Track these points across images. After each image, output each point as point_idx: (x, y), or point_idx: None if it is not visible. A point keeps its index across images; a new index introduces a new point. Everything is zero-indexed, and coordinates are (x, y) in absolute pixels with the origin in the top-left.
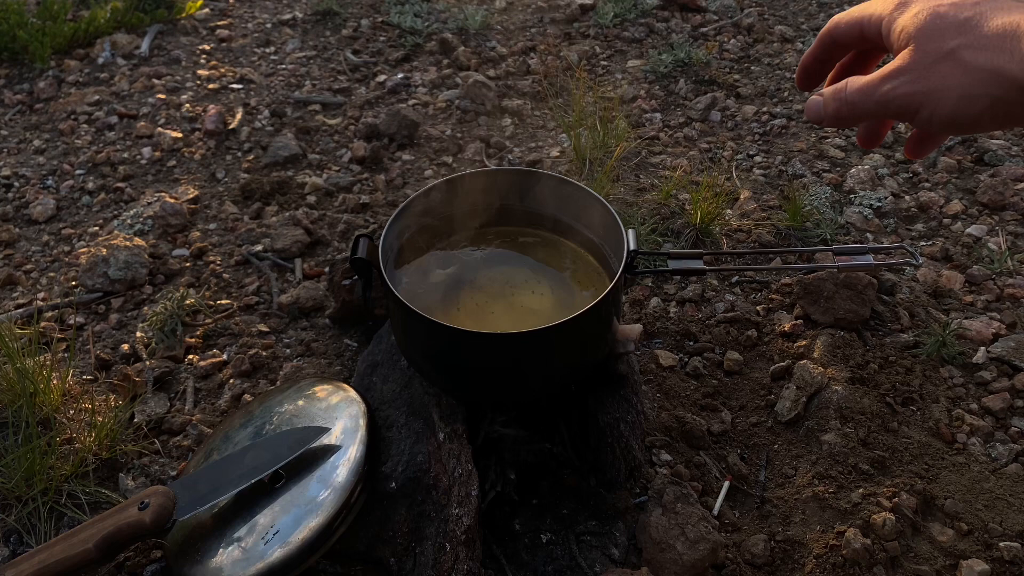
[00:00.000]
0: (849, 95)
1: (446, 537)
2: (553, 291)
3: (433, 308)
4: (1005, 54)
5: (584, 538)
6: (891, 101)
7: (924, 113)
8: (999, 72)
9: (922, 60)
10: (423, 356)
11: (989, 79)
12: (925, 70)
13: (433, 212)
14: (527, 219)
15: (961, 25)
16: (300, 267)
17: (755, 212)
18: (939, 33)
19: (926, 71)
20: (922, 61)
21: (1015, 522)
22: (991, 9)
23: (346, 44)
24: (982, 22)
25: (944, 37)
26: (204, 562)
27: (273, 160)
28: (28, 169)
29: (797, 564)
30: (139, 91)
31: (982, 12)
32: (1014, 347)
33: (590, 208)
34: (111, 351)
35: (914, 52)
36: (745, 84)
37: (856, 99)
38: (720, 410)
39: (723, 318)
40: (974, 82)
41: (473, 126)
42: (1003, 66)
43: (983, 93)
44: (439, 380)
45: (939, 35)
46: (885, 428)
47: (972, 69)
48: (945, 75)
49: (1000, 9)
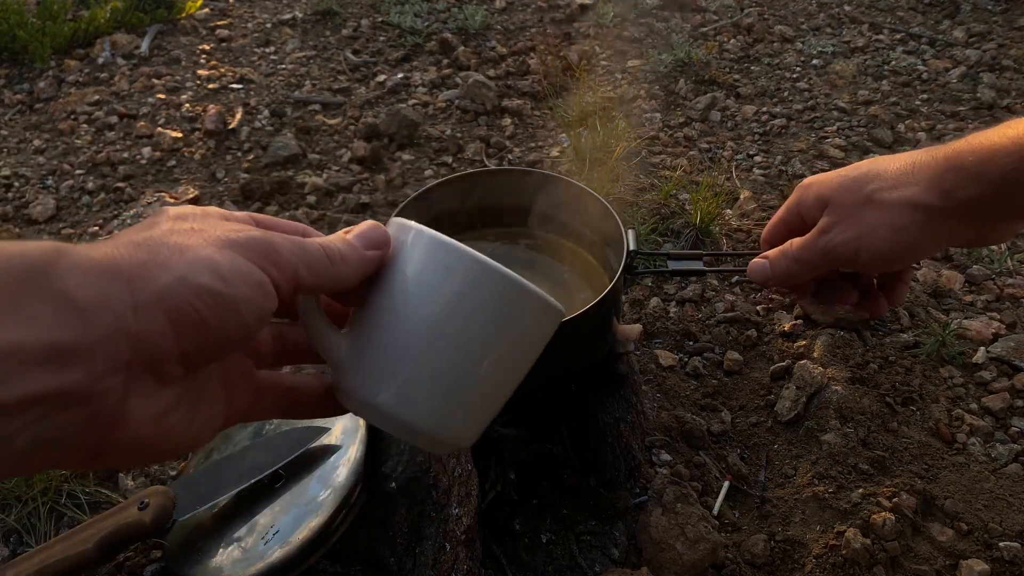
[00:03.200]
0: (794, 252)
1: (446, 537)
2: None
3: None
4: (912, 187)
5: (584, 538)
6: (832, 250)
7: (864, 255)
8: (913, 201)
9: (846, 210)
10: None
11: (908, 210)
12: (852, 218)
13: (431, 212)
14: (527, 219)
15: (868, 176)
16: None
17: (755, 212)
18: (853, 185)
19: (853, 218)
20: (846, 211)
21: (1015, 522)
22: (886, 160)
23: (346, 44)
24: (884, 170)
25: (858, 188)
26: (204, 562)
27: (273, 160)
28: (28, 169)
29: (797, 564)
30: (139, 91)
31: (882, 165)
32: (1014, 347)
33: (590, 208)
34: None
35: (836, 207)
36: (745, 84)
37: (801, 255)
38: (720, 410)
39: (723, 318)
40: (896, 216)
41: (473, 126)
42: (914, 196)
43: (908, 223)
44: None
45: (854, 188)
46: (885, 428)
47: (890, 205)
48: (870, 217)
49: (895, 158)
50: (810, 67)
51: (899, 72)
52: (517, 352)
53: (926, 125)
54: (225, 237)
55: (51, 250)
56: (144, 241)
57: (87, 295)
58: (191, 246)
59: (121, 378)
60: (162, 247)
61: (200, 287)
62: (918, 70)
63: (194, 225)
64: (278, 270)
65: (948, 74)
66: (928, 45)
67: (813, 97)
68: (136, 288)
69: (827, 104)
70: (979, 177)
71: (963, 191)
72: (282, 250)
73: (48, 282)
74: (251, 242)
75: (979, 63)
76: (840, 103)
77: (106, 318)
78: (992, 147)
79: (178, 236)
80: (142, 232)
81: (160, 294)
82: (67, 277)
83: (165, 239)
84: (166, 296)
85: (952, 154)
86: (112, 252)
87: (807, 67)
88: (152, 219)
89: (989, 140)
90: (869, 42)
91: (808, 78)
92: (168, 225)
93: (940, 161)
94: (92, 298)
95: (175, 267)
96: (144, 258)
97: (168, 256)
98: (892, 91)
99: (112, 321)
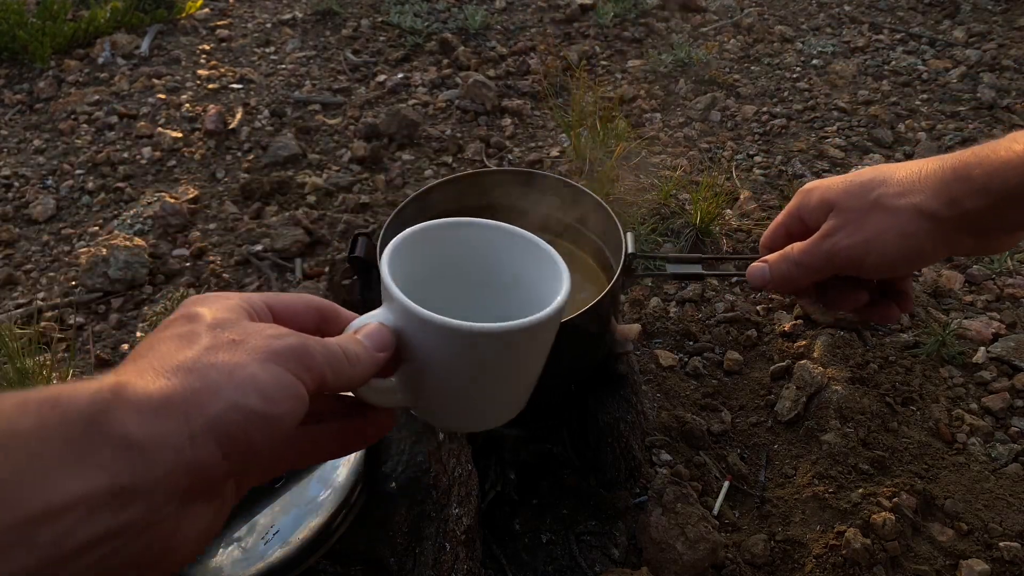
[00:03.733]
0: (796, 256)
1: (446, 537)
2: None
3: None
4: (919, 194)
5: (584, 538)
6: (837, 254)
7: (871, 259)
8: (920, 208)
9: (852, 215)
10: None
11: (915, 216)
12: (858, 222)
13: (431, 213)
14: (527, 220)
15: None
16: (300, 267)
17: (755, 212)
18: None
19: (859, 222)
20: (852, 215)
21: (1015, 522)
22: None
23: (346, 44)
24: (891, 176)
25: (864, 193)
26: (204, 562)
27: (273, 160)
28: (28, 169)
29: (797, 564)
30: (139, 91)
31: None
32: (1014, 347)
33: (590, 210)
34: (111, 351)
35: (841, 211)
36: (745, 84)
37: (803, 259)
38: (720, 410)
39: (723, 318)
40: (905, 221)
41: (473, 126)
42: (922, 203)
43: (916, 229)
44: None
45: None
46: (885, 428)
47: (899, 210)
48: (878, 221)
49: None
50: (810, 67)
51: (899, 72)
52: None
53: (926, 125)
54: (267, 348)
55: (108, 391)
56: (193, 365)
57: (146, 434)
58: (238, 364)
59: (176, 505)
60: (211, 370)
61: (250, 412)
62: (918, 70)
63: (234, 336)
64: (310, 375)
65: (948, 74)
66: (928, 45)
67: (813, 97)
68: (191, 418)
69: (827, 104)
70: (985, 190)
71: (969, 202)
72: (316, 355)
73: (108, 427)
74: (290, 351)
75: (979, 63)
76: (840, 103)
77: (166, 454)
78: (999, 160)
79: (223, 353)
80: (186, 350)
81: (213, 422)
82: (126, 420)
83: (212, 360)
84: (218, 424)
85: (959, 165)
86: (166, 387)
87: (807, 67)
88: (189, 326)
89: (996, 153)
90: (869, 42)
91: (808, 78)
92: (209, 339)
93: (947, 171)
94: (151, 436)
95: (225, 392)
96: (197, 385)
97: (218, 379)
98: (892, 91)
99: (171, 456)
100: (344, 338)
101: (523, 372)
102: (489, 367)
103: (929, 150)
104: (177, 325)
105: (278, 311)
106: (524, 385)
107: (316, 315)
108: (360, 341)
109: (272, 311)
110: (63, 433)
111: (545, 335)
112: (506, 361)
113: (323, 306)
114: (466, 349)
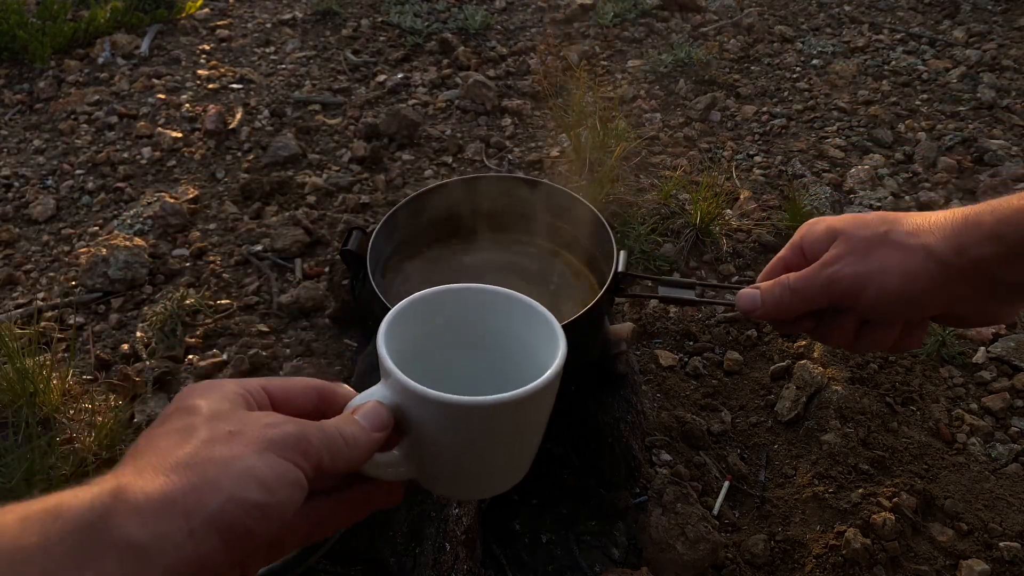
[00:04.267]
0: (792, 282)
1: (446, 537)
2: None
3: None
4: (930, 236)
5: (584, 538)
6: (836, 283)
7: (870, 292)
8: (929, 250)
9: (858, 245)
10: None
11: (923, 256)
12: (864, 253)
13: (426, 216)
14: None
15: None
16: (300, 267)
17: (755, 212)
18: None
19: (865, 254)
20: (858, 246)
21: (1015, 522)
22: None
23: (346, 44)
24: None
25: (875, 226)
26: None
27: (273, 160)
28: (28, 169)
29: (797, 564)
30: (139, 91)
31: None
32: (1014, 347)
33: (585, 220)
34: (111, 351)
35: (848, 240)
36: (745, 84)
37: (799, 284)
38: (720, 410)
39: (723, 318)
40: (911, 259)
41: (473, 126)
42: (932, 244)
43: (922, 270)
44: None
45: (868, 225)
46: (885, 428)
47: (908, 248)
48: (884, 256)
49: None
50: (810, 67)
51: (899, 72)
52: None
53: (926, 125)
54: (263, 438)
55: (108, 496)
56: (191, 461)
57: (147, 535)
58: (235, 457)
59: None
60: (208, 464)
61: (248, 503)
62: (918, 70)
63: (231, 427)
64: (307, 461)
65: (948, 74)
66: (928, 45)
67: (813, 97)
68: (191, 514)
69: (827, 104)
70: (995, 236)
71: (977, 249)
72: (312, 441)
73: (109, 533)
74: (287, 439)
75: (979, 63)
76: (840, 103)
77: (167, 551)
78: (1011, 209)
79: (221, 446)
80: (184, 445)
81: (212, 516)
82: (127, 523)
83: (210, 453)
84: (218, 517)
85: (971, 213)
86: (165, 484)
87: (807, 67)
88: (186, 420)
89: (1009, 203)
90: (869, 42)
91: (808, 78)
92: (206, 432)
93: (958, 219)
94: (152, 537)
95: (224, 486)
96: (195, 481)
97: (215, 474)
98: (892, 91)
99: (172, 553)
100: (342, 420)
101: (523, 439)
102: (487, 438)
103: (929, 150)
104: (175, 419)
105: (275, 395)
106: (527, 450)
107: (315, 396)
108: (357, 422)
109: (270, 395)
110: (67, 544)
111: (541, 403)
112: (504, 431)
113: (321, 387)
114: (463, 422)
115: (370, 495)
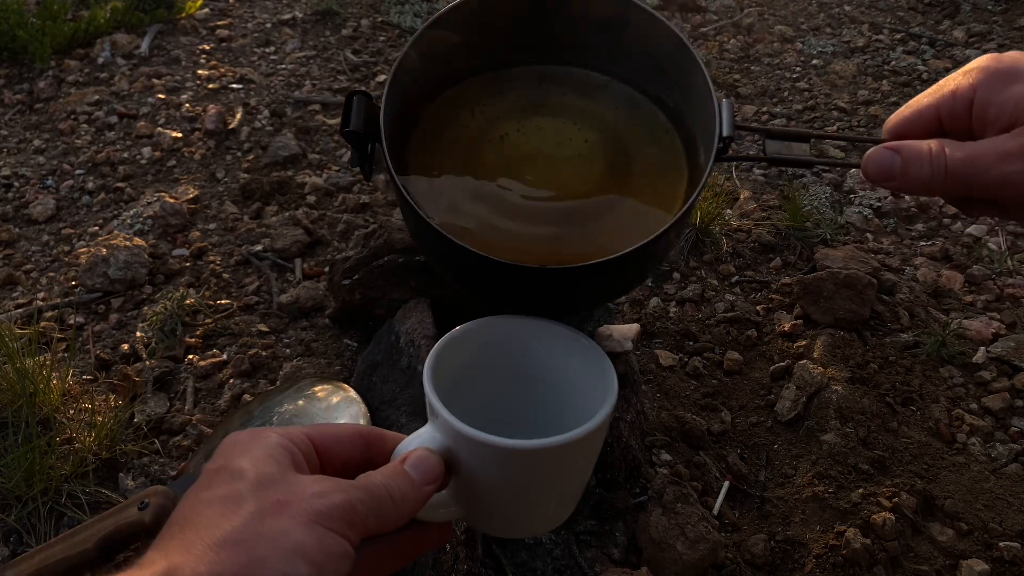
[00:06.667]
0: (953, 164)
1: None
2: (604, 154)
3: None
4: None
5: (584, 538)
6: (1015, 185)
7: None
8: None
9: None
10: (441, 264)
11: None
12: None
13: (451, 45)
14: (576, 44)
15: None
16: (300, 267)
17: (755, 212)
18: None
19: None
20: None
21: (1015, 522)
22: None
23: (346, 44)
24: None
25: None
26: None
27: (273, 160)
28: (28, 169)
29: (797, 564)
30: (139, 91)
31: None
32: (1014, 347)
33: (665, 43)
34: (111, 351)
35: None
36: (745, 84)
37: (963, 171)
38: (720, 410)
39: (723, 318)
40: None
41: None
42: None
43: None
44: (458, 285)
45: None
46: (885, 428)
47: None
48: None
49: None
50: (810, 67)
51: (899, 72)
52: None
53: None
54: (311, 510)
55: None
56: (239, 537)
57: None
58: (283, 532)
59: None
60: (258, 541)
61: None
62: (918, 70)
63: (279, 496)
64: (355, 531)
65: (948, 74)
66: (928, 45)
67: (813, 97)
68: None
69: (827, 104)
70: None
71: None
72: (359, 508)
73: None
74: (334, 511)
75: None
76: (840, 103)
77: None
78: None
79: (269, 520)
80: (233, 517)
81: None
82: None
83: (259, 529)
84: None
85: None
86: (214, 563)
87: (807, 67)
88: (232, 486)
89: None
90: (869, 42)
91: (808, 78)
92: (254, 504)
93: None
94: None
95: (273, 564)
96: (244, 559)
97: (264, 552)
98: (892, 91)
99: None
100: (391, 473)
101: (571, 479)
102: (540, 480)
103: None
104: (219, 484)
105: (320, 444)
106: (577, 487)
107: (361, 443)
108: (407, 475)
109: (315, 445)
110: None
111: (594, 443)
112: (556, 472)
113: (367, 433)
114: (515, 465)
115: (420, 538)
